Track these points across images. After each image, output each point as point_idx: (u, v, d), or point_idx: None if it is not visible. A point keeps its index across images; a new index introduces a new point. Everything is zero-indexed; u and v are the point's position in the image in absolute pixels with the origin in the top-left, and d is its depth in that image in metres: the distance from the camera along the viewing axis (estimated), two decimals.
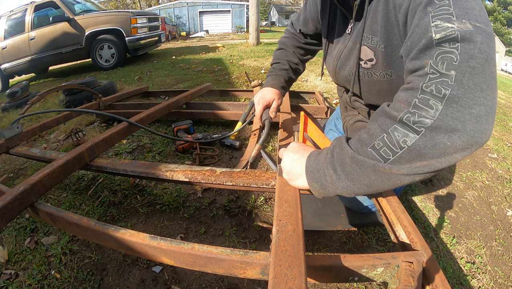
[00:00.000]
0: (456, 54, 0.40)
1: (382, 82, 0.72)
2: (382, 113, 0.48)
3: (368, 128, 0.50)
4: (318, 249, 1.00)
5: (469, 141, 0.39)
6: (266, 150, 1.63)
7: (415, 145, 0.41)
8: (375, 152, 0.46)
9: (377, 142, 0.46)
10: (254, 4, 7.06)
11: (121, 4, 29.46)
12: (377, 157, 0.46)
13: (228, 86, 3.19)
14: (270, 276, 0.43)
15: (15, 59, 5.23)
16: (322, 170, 0.54)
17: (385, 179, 0.46)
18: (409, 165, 0.43)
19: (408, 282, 0.48)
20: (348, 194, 0.52)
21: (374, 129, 0.48)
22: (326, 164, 0.54)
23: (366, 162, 0.47)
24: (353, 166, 0.49)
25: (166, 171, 0.89)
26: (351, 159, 0.49)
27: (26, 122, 2.58)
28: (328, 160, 0.54)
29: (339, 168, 0.51)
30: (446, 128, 0.39)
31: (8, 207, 0.71)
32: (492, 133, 1.97)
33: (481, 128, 0.39)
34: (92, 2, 6.13)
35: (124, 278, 0.92)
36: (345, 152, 0.50)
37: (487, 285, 0.89)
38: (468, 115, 0.38)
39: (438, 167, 0.42)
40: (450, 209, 1.22)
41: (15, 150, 1.28)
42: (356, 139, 0.51)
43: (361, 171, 0.48)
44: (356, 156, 0.48)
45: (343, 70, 0.82)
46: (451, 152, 0.40)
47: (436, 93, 0.40)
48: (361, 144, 0.49)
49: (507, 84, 5.88)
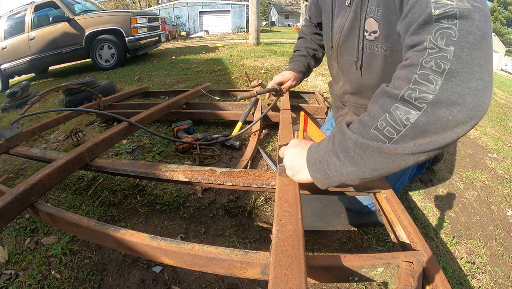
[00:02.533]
0: (454, 30, 0.40)
1: (379, 57, 0.72)
2: (382, 94, 0.48)
3: (369, 110, 0.50)
4: (318, 249, 1.00)
5: (468, 114, 0.40)
6: (266, 150, 1.63)
7: (418, 122, 0.42)
8: (378, 133, 0.46)
9: (379, 123, 0.46)
10: (254, 4, 7.06)
11: (121, 4, 29.46)
12: (381, 137, 0.45)
13: (228, 86, 3.19)
14: (270, 276, 0.43)
15: (15, 59, 5.23)
16: (325, 160, 0.54)
17: (390, 161, 0.46)
18: (413, 143, 0.43)
19: (408, 282, 0.48)
20: (353, 180, 0.51)
21: (375, 110, 0.48)
22: (328, 153, 0.53)
23: (370, 145, 0.46)
24: (357, 151, 0.48)
25: (166, 171, 0.89)
26: (354, 144, 0.48)
27: (26, 122, 2.58)
28: (329, 148, 0.53)
29: (342, 154, 0.50)
30: (447, 102, 0.40)
31: (8, 207, 0.71)
32: (493, 133, 1.95)
33: (479, 101, 0.40)
34: (92, 2, 6.13)
35: (124, 278, 0.92)
36: (348, 137, 0.50)
37: (487, 285, 0.89)
38: (467, 89, 0.39)
39: (441, 143, 0.42)
40: (450, 209, 1.22)
41: (15, 150, 1.28)
42: (357, 123, 0.51)
43: (365, 155, 0.47)
44: (359, 139, 0.48)
45: (347, 43, 0.82)
46: (452, 126, 0.41)
47: (436, 68, 0.41)
48: (364, 127, 0.48)
49: (507, 84, 5.88)
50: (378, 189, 0.80)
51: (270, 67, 4.04)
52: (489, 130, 2.14)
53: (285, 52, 5.60)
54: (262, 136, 1.80)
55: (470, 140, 1.91)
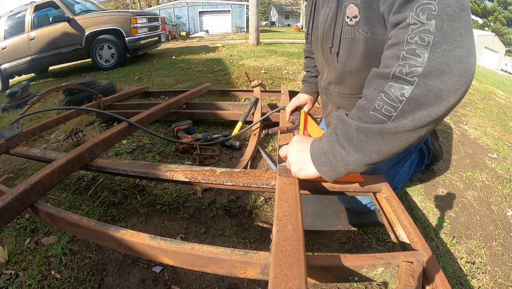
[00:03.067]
0: (434, 5, 0.43)
1: (361, 40, 0.73)
2: (374, 76, 0.50)
3: (365, 94, 0.52)
4: (318, 249, 1.00)
5: (458, 81, 0.42)
6: (266, 150, 1.63)
7: (413, 95, 0.43)
8: (377, 114, 0.47)
9: (377, 103, 0.47)
10: (254, 4, 7.06)
11: (121, 4, 29.45)
12: (381, 117, 0.47)
13: (228, 86, 3.19)
14: (270, 276, 0.43)
15: (15, 59, 5.23)
16: (329, 151, 0.55)
17: (393, 140, 0.47)
18: (411, 118, 0.45)
19: (408, 282, 0.48)
20: (360, 167, 0.52)
21: (370, 93, 0.50)
22: (331, 144, 0.55)
23: (371, 129, 0.48)
24: (360, 137, 0.49)
25: (166, 171, 0.89)
26: (356, 130, 0.50)
27: (26, 122, 2.58)
28: (333, 139, 0.54)
29: (346, 143, 0.52)
30: (436, 72, 0.42)
31: (8, 207, 0.71)
32: (493, 133, 1.95)
33: (466, 67, 0.42)
34: (92, 2, 6.13)
35: (124, 278, 0.92)
36: (349, 125, 0.51)
37: (487, 285, 0.89)
38: (453, 57, 0.41)
39: (437, 114, 0.44)
40: (450, 209, 1.22)
41: (15, 150, 1.28)
42: (355, 109, 0.53)
43: (368, 139, 0.49)
44: (360, 125, 0.49)
45: (329, 31, 0.83)
46: (445, 95, 0.43)
47: (421, 42, 0.43)
48: (362, 111, 0.50)
49: (507, 84, 5.88)
50: (378, 189, 0.80)
51: (270, 67, 4.04)
52: (489, 130, 2.14)
53: (285, 52, 5.60)
54: (262, 136, 1.80)
55: (470, 140, 1.91)
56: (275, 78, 3.41)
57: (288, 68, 3.93)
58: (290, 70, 3.79)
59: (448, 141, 1.85)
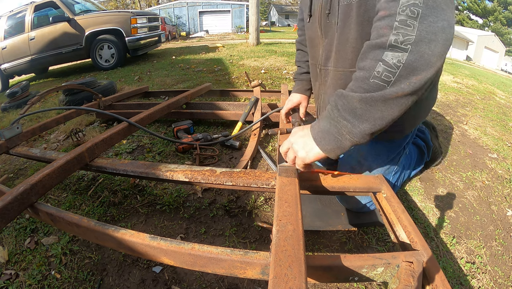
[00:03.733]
0: None
1: (354, 6, 0.75)
2: (369, 48, 0.55)
3: (361, 66, 0.55)
4: (318, 249, 1.00)
5: (442, 48, 0.49)
6: (266, 150, 1.63)
7: (408, 61, 0.49)
8: (377, 80, 0.52)
9: (376, 71, 0.52)
10: (254, 4, 7.06)
11: (121, 4, 29.45)
12: (381, 84, 0.52)
13: (228, 86, 3.19)
14: (270, 276, 0.43)
15: (15, 59, 5.23)
16: (334, 128, 0.58)
17: (394, 105, 0.52)
18: (408, 82, 0.50)
19: (408, 282, 0.48)
20: (365, 137, 0.56)
21: (367, 63, 0.54)
22: (335, 121, 0.58)
23: (374, 97, 0.52)
24: (363, 106, 0.54)
25: (166, 171, 0.89)
26: (360, 101, 0.54)
27: (26, 122, 2.58)
28: (335, 115, 0.58)
29: (350, 116, 0.55)
30: (425, 40, 0.49)
31: (8, 207, 0.71)
32: (493, 133, 1.95)
33: (447, 37, 0.49)
34: (92, 2, 6.13)
35: (124, 278, 0.92)
36: (351, 98, 0.55)
37: (487, 285, 0.89)
38: (437, 28, 0.49)
39: (428, 77, 0.50)
40: (450, 209, 1.22)
41: (15, 150, 1.28)
42: (353, 82, 0.56)
43: (372, 108, 0.53)
44: (364, 95, 0.53)
45: (327, 3, 0.83)
46: (433, 60, 0.50)
47: (411, 14, 0.49)
48: (362, 81, 0.54)
49: (507, 84, 5.87)
50: (378, 189, 0.80)
51: (270, 67, 4.04)
52: (489, 130, 2.14)
53: (285, 52, 5.60)
54: (262, 136, 1.80)
55: (470, 140, 1.91)
56: (275, 78, 3.41)
57: (288, 68, 3.93)
58: (290, 70, 3.79)
59: (448, 141, 1.85)
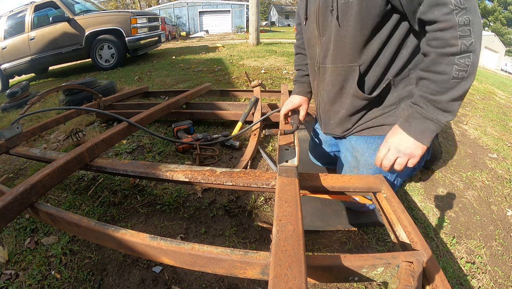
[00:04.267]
0: None
1: (353, 4, 0.77)
2: (440, 57, 0.67)
3: (438, 71, 0.67)
4: (318, 249, 1.00)
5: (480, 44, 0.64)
6: (266, 150, 1.63)
7: (473, 59, 0.64)
8: (456, 79, 0.66)
9: (454, 73, 0.65)
10: (254, 4, 7.06)
11: (121, 4, 29.44)
12: (458, 80, 0.65)
13: (228, 86, 3.19)
14: (270, 276, 0.43)
15: (15, 59, 5.22)
16: (431, 125, 0.72)
17: (464, 96, 0.68)
18: (473, 76, 0.66)
19: (408, 282, 0.48)
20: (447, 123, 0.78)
21: (443, 68, 0.66)
22: (430, 121, 0.71)
23: (460, 94, 0.67)
24: (451, 103, 0.68)
25: (166, 171, 0.89)
26: (449, 101, 0.68)
27: (26, 122, 2.58)
28: (428, 117, 0.71)
29: (439, 114, 0.70)
30: (478, 40, 0.63)
31: (8, 207, 0.71)
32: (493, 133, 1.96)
33: (481, 31, 0.64)
34: (92, 2, 6.13)
35: (124, 278, 0.92)
36: (439, 101, 0.69)
37: (487, 285, 0.89)
38: (479, 27, 0.63)
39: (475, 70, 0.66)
40: (450, 209, 1.22)
41: (15, 150, 1.28)
42: (433, 87, 0.70)
43: (457, 102, 0.69)
44: (453, 94, 0.67)
45: (326, 3, 0.84)
46: (479, 55, 0.65)
47: (466, 22, 0.61)
48: (445, 83, 0.67)
49: (507, 84, 5.87)
50: (378, 189, 0.80)
51: (270, 67, 4.04)
52: (489, 130, 2.14)
53: (285, 52, 5.60)
54: (262, 136, 1.80)
55: (470, 140, 1.91)
56: (275, 78, 3.41)
57: (288, 68, 3.93)
58: (290, 70, 3.79)
59: (448, 141, 1.85)
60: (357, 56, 0.84)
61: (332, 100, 0.98)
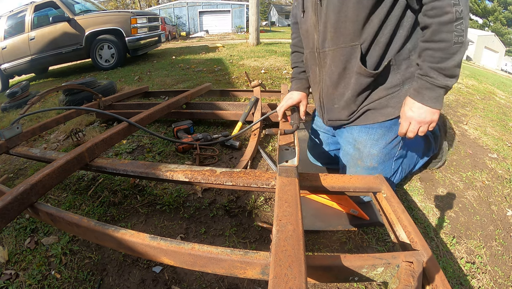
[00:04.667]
0: None
1: None
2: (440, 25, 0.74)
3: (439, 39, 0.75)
4: (318, 249, 1.00)
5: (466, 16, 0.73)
6: (266, 150, 1.63)
7: (466, 24, 0.72)
8: (458, 44, 0.73)
9: (454, 39, 0.73)
10: (254, 4, 7.06)
11: (121, 4, 29.43)
12: (460, 43, 0.74)
13: (228, 86, 3.19)
14: (270, 276, 0.43)
15: (15, 59, 5.22)
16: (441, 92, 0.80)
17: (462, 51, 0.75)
18: (467, 38, 0.74)
19: (408, 282, 0.48)
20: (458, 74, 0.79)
21: (444, 36, 0.74)
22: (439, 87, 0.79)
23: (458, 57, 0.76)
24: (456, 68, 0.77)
25: (166, 171, 0.89)
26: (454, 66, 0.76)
27: (26, 122, 2.58)
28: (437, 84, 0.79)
29: (447, 80, 0.78)
30: (466, 7, 0.72)
31: (8, 207, 0.71)
32: (493, 133, 1.96)
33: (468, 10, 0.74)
34: (92, 2, 6.13)
35: (124, 278, 0.92)
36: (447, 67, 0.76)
37: (487, 285, 0.89)
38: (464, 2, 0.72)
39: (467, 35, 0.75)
40: (450, 209, 1.22)
41: (15, 150, 1.28)
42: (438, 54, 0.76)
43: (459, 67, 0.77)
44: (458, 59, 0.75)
45: None
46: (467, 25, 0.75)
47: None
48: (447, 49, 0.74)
49: (507, 84, 5.87)
50: (378, 189, 0.80)
51: (270, 67, 4.04)
52: (489, 130, 2.14)
53: (285, 52, 5.60)
54: (262, 136, 1.80)
55: (470, 140, 1.91)
56: (275, 78, 3.41)
57: (288, 68, 3.93)
58: (290, 70, 3.78)
59: (448, 141, 1.85)
60: (358, 34, 0.87)
61: (335, 82, 0.98)
